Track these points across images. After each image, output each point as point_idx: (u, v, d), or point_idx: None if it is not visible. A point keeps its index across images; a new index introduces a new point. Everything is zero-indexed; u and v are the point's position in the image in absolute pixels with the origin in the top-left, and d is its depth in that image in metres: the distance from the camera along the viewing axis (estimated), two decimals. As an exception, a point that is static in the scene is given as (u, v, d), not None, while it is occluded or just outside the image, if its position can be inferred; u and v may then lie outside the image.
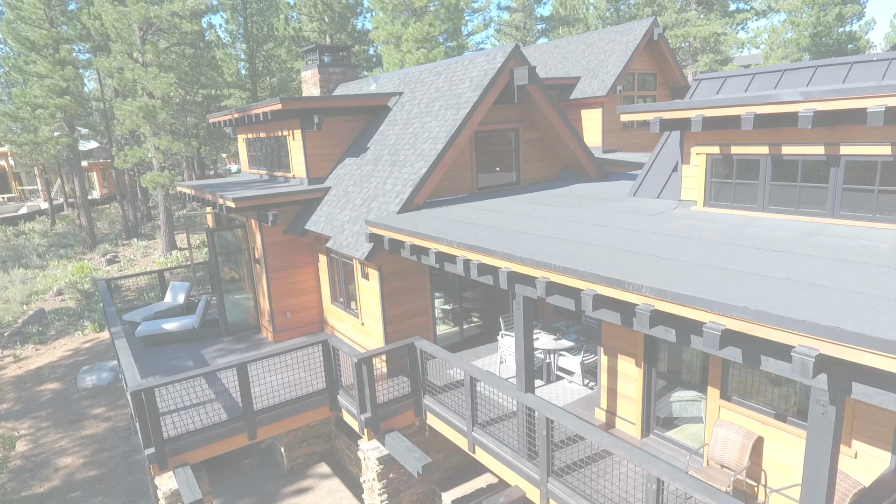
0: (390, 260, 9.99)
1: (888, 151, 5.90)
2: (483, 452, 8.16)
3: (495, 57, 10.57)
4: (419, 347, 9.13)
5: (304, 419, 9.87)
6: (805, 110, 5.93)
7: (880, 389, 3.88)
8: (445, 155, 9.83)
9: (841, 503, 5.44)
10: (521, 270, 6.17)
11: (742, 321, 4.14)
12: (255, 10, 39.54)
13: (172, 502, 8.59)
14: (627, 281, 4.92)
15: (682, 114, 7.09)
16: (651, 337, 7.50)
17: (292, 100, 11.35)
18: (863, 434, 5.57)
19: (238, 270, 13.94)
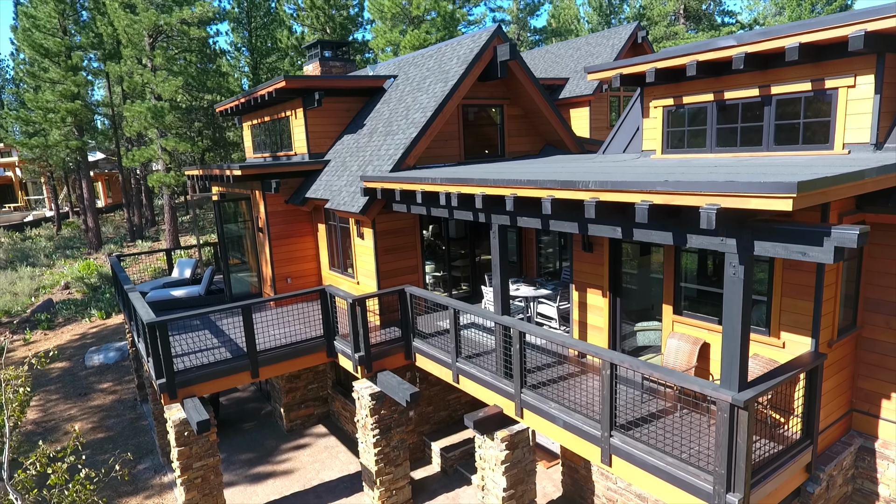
0: (383, 219, 10.89)
1: (808, 87, 6.85)
2: (466, 380, 8.95)
3: (480, 37, 11.63)
4: (409, 292, 9.98)
5: (303, 363, 10.66)
6: (738, 53, 6.90)
7: (774, 243, 4.76)
8: (434, 121, 10.81)
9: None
10: (493, 192, 7.07)
11: (663, 194, 5.03)
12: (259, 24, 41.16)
13: (180, 430, 9.34)
14: (578, 181, 5.82)
15: (638, 68, 8.06)
16: (614, 267, 8.36)
17: (296, 78, 12.38)
18: (788, 326, 6.40)
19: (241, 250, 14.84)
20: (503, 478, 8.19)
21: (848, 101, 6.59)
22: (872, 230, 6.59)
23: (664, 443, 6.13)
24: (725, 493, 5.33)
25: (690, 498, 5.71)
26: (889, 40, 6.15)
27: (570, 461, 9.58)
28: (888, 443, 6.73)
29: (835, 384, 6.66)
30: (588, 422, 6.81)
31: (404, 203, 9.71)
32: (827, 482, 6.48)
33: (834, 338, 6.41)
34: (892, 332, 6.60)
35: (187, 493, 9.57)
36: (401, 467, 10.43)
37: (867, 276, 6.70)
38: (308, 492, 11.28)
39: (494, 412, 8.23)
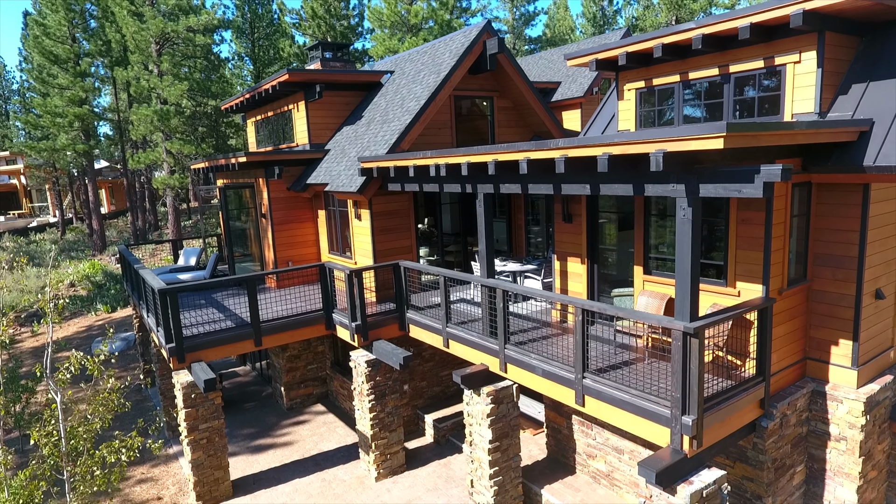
0: (379, 200, 11.60)
1: (761, 65, 7.60)
2: (455, 343, 9.60)
3: (471, 32, 12.45)
4: (403, 266, 10.66)
5: (303, 333, 11.31)
6: (696, 35, 7.65)
7: (716, 184, 5.46)
8: (427, 109, 11.58)
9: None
10: (477, 159, 7.79)
11: (620, 145, 5.74)
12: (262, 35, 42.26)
13: (188, 392, 9.96)
14: (549, 141, 6.54)
15: (611, 53, 8.83)
16: (591, 236, 9.05)
17: (298, 71, 13.19)
18: (743, 276, 7.08)
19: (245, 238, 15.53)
20: (489, 430, 8.81)
21: (795, 76, 7.34)
22: (818, 190, 7.30)
23: (630, 382, 6.77)
24: (681, 416, 5.97)
25: (652, 425, 6.35)
26: (826, 19, 6.91)
27: (554, 422, 10.19)
28: (838, 385, 7.37)
29: (787, 331, 7.32)
30: (564, 367, 7.46)
31: (398, 181, 10.43)
32: (780, 419, 7.11)
33: (784, 286, 7.08)
34: (838, 283, 7.27)
35: (193, 453, 10.17)
36: (395, 433, 11.02)
37: (815, 233, 7.39)
38: (307, 460, 11.86)
39: (481, 369, 8.87)
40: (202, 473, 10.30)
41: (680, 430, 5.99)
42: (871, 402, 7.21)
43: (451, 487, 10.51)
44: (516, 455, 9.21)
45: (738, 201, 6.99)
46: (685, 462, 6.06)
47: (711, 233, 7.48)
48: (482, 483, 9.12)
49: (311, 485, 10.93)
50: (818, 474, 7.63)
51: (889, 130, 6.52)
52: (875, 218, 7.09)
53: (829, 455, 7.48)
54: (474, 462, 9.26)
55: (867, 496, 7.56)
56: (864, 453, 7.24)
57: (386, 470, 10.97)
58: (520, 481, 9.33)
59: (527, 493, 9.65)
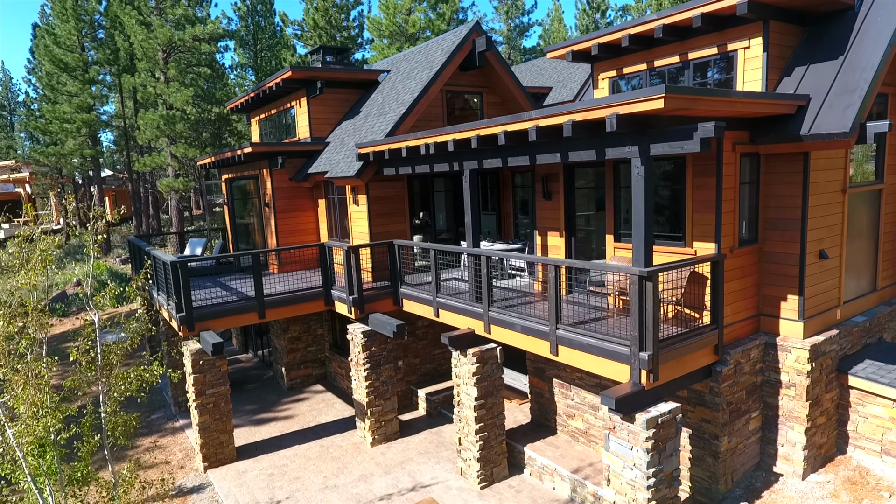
0: (376, 186, 12.44)
1: (715, 51, 8.50)
2: (444, 311, 10.38)
3: (461, 31, 13.40)
4: (397, 244, 11.49)
5: (304, 308, 12.09)
6: (658, 25, 8.56)
7: (663, 143, 6.31)
8: (420, 101, 12.48)
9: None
10: (461, 136, 8.65)
11: (581, 111, 6.59)
12: (264, 46, 43.50)
13: (196, 358, 10.72)
14: (522, 114, 7.40)
15: (585, 44, 9.74)
16: (568, 211, 9.89)
17: (301, 69, 14.13)
18: (699, 236, 7.89)
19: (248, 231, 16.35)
20: (475, 388, 9.56)
21: (745, 60, 8.23)
22: (766, 161, 8.15)
23: (597, 332, 7.56)
24: (639, 352, 6.76)
25: (616, 364, 7.12)
26: (770, 9, 7.81)
27: (537, 388, 10.93)
28: (787, 337, 8.16)
29: (740, 287, 8.12)
30: (540, 322, 8.25)
31: (393, 165, 11.29)
32: (734, 366, 7.88)
33: (735, 245, 7.90)
34: (785, 244, 8.09)
35: (200, 416, 10.90)
36: (389, 401, 11.76)
37: (764, 199, 8.22)
38: (306, 430, 12.57)
39: (467, 332, 9.65)
40: (208, 436, 11.02)
41: (638, 364, 6.77)
42: (816, 351, 7.99)
43: (441, 451, 11.22)
44: (500, 413, 9.95)
45: (693, 169, 7.84)
46: (643, 394, 6.83)
47: (672, 200, 8.32)
48: (469, 439, 9.85)
49: (311, 450, 11.64)
50: (772, 420, 8.37)
51: (822, 104, 7.39)
52: (816, 185, 7.93)
53: (781, 401, 8.24)
54: (462, 420, 9.99)
55: (817, 440, 8.31)
56: (811, 398, 8.00)
57: (381, 436, 11.68)
58: (504, 438, 10.06)
59: (511, 451, 10.37)
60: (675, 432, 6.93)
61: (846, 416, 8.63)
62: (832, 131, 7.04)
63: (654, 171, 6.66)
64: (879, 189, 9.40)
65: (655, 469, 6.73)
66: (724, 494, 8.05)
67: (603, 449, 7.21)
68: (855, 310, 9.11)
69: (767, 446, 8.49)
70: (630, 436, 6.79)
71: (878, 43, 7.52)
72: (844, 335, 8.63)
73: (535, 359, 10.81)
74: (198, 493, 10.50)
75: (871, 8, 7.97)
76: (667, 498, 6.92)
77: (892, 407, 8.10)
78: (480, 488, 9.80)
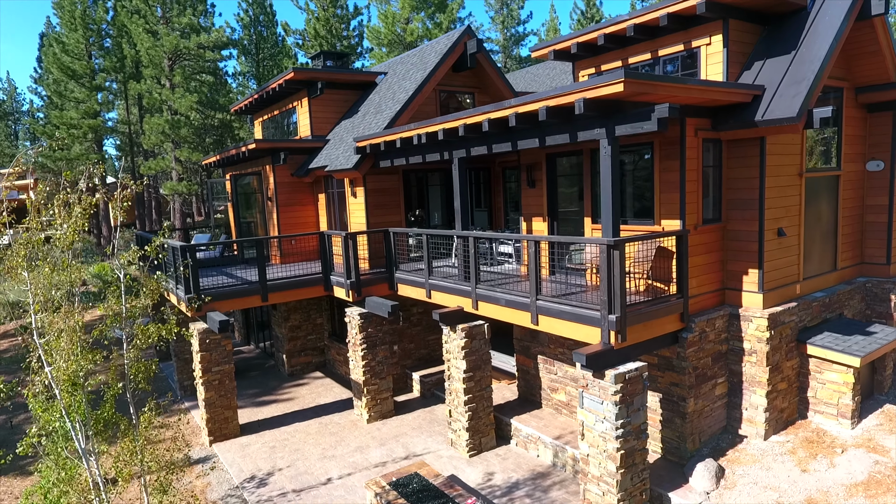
0: (372, 179, 13.21)
1: (681, 48, 9.30)
2: (436, 292, 11.09)
3: (454, 35, 14.25)
4: (392, 231, 12.23)
5: (304, 293, 12.81)
6: (629, 25, 9.36)
7: (626, 125, 7.07)
8: (414, 99, 13.28)
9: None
10: (449, 125, 9.42)
11: (554, 97, 7.36)
12: (266, 55, 44.55)
13: (203, 337, 11.42)
14: (505, 104, 8.18)
15: (565, 44, 10.54)
16: (551, 197, 10.64)
17: (302, 70, 14.96)
18: (666, 214, 8.63)
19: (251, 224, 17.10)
20: (464, 362, 10.25)
21: (708, 56, 9.02)
22: (728, 146, 8.91)
23: (573, 301, 8.27)
24: (608, 315, 7.47)
25: (588, 328, 7.83)
26: (727, 8, 8.61)
27: (523, 365, 11.62)
28: (749, 308, 8.86)
29: (705, 262, 8.84)
30: (522, 295, 8.97)
31: (388, 157, 12.06)
32: (700, 333, 8.59)
33: (699, 223, 8.64)
34: (746, 222, 8.83)
35: (206, 392, 11.58)
36: (384, 381, 12.43)
37: (727, 182, 8.98)
38: (306, 410, 13.23)
39: (456, 309, 10.36)
40: (213, 412, 11.69)
41: (607, 326, 7.48)
42: (775, 320, 8.69)
43: (434, 426, 11.88)
44: (488, 386, 10.64)
45: (661, 153, 8.60)
46: (612, 353, 7.53)
47: (644, 183, 9.07)
48: (458, 410, 10.52)
49: (310, 426, 12.30)
50: (737, 386, 9.06)
51: (775, 94, 8.16)
52: (773, 168, 8.68)
53: (744, 368, 8.93)
54: (452, 393, 10.67)
55: (778, 404, 8.99)
56: (771, 364, 8.70)
57: (376, 413, 12.34)
58: (491, 411, 10.73)
59: (498, 423, 11.04)
60: (641, 388, 7.62)
61: (806, 384, 9.32)
62: (782, 116, 7.81)
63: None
64: (837, 176, 10.16)
65: (623, 421, 7.41)
66: (691, 453, 8.72)
67: (578, 406, 7.89)
68: (815, 286, 9.83)
69: (733, 411, 9.17)
70: (601, 391, 7.48)
71: (825, 39, 8.32)
72: (803, 308, 9.35)
73: (521, 337, 11.50)
74: (203, 463, 11.15)
75: (821, 9, 8.78)
76: (635, 449, 7.60)
77: (846, 372, 8.80)
78: (469, 456, 10.46)
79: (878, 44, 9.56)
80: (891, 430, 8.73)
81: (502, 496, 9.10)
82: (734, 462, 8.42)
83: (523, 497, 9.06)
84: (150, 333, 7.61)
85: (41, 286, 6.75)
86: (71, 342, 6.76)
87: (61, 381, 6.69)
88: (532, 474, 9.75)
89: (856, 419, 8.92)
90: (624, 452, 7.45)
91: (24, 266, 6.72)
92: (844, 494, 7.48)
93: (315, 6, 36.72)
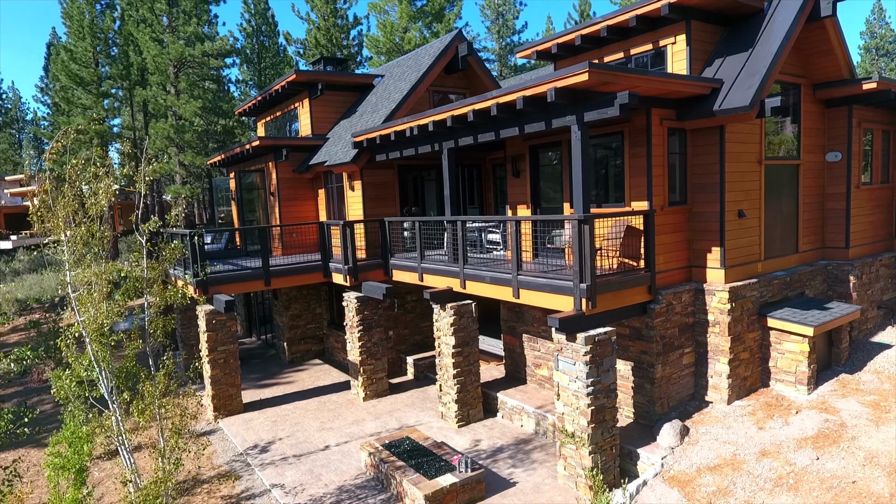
0: (369, 173, 14.06)
1: (650, 47, 10.19)
2: (427, 275, 11.89)
3: (446, 38, 15.19)
4: (387, 220, 13.06)
5: (304, 279, 13.61)
6: (603, 27, 10.26)
7: (593, 111, 7.92)
8: (409, 98, 14.17)
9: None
10: (438, 118, 10.28)
11: (530, 88, 8.22)
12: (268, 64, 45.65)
13: (210, 318, 12.18)
14: (488, 95, 9.04)
15: (546, 45, 11.43)
16: (534, 186, 11.48)
17: (304, 72, 15.87)
18: (635, 197, 9.45)
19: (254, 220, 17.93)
20: (453, 338, 11.03)
21: (673, 54, 9.90)
22: (692, 135, 9.76)
23: (550, 275, 9.07)
24: (580, 283, 8.27)
25: (563, 297, 8.62)
26: (689, 11, 9.50)
27: (509, 344, 12.38)
28: (712, 283, 9.66)
29: (672, 241, 9.65)
30: (505, 272, 9.77)
31: (384, 151, 12.92)
32: (667, 305, 9.38)
33: (665, 204, 9.46)
34: (709, 204, 9.65)
35: (212, 370, 12.33)
36: (380, 361, 13.19)
37: (691, 168, 9.82)
38: (305, 391, 13.96)
39: (446, 289, 11.16)
40: (219, 388, 12.44)
41: (579, 294, 8.27)
42: (736, 293, 9.49)
43: (426, 403, 12.63)
44: (476, 361, 11.40)
45: (630, 141, 9.45)
46: (584, 318, 8.32)
47: (616, 170, 9.91)
48: (448, 384, 11.28)
49: (309, 404, 13.04)
50: (703, 356, 9.83)
51: (731, 86, 9.02)
52: (732, 154, 9.52)
53: (709, 339, 9.71)
54: (442, 368, 11.43)
55: (741, 372, 9.75)
56: (732, 334, 9.48)
57: (372, 392, 13.09)
58: (479, 385, 11.49)
59: (486, 397, 11.79)
60: (610, 351, 8.39)
61: (768, 355, 10.09)
62: (737, 105, 8.66)
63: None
64: (797, 165, 11.01)
65: (594, 380, 8.19)
66: (660, 416, 9.47)
67: (554, 369, 8.66)
68: (777, 266, 10.63)
69: (700, 379, 9.93)
70: (573, 353, 8.26)
71: (777, 37, 9.20)
72: (764, 285, 10.15)
73: (508, 318, 12.28)
74: (209, 435, 11.88)
75: (775, 10, 9.68)
76: (605, 406, 8.37)
77: (802, 342, 9.58)
78: (458, 427, 11.20)
79: (830, 44, 10.45)
80: (843, 394, 9.50)
81: (487, 458, 9.84)
82: (698, 423, 9.18)
83: (506, 458, 9.81)
84: (170, 294, 8.38)
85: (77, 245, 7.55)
86: (99, 295, 7.52)
87: (91, 331, 7.46)
88: (516, 441, 10.49)
89: (812, 385, 9.69)
90: (594, 409, 8.21)
91: (62, 228, 7.48)
92: (794, 447, 8.23)
93: (316, 16, 37.88)
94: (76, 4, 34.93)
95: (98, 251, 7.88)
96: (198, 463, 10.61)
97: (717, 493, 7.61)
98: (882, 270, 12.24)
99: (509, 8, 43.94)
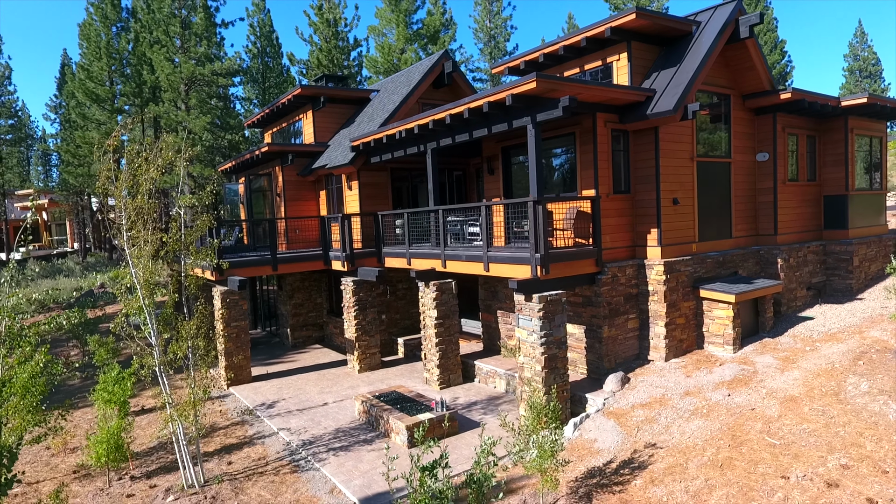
0: (365, 175, 15.96)
1: (600, 63, 12.16)
2: (414, 259, 13.71)
3: (434, 57, 17.23)
4: (380, 214, 14.92)
5: (307, 266, 15.43)
6: (560, 46, 12.24)
7: (544, 112, 9.83)
8: (400, 108, 16.15)
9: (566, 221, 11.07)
10: (422, 122, 12.20)
11: (494, 95, 10.13)
12: (272, 83, 48.00)
13: (224, 297, 13.95)
14: (461, 102, 10.98)
15: (515, 62, 13.42)
16: (506, 182, 13.36)
17: (308, 87, 17.87)
18: (585, 187, 11.32)
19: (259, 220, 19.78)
20: (435, 311, 12.80)
21: (618, 69, 11.86)
22: (632, 135, 11.66)
23: (512, 250, 10.89)
24: (535, 253, 10.09)
25: (524, 267, 10.43)
26: (628, 34, 11.49)
27: (486, 320, 14.15)
28: (651, 259, 11.47)
29: (617, 223, 11.49)
30: (478, 249, 11.60)
31: (378, 153, 14.83)
32: (612, 276, 11.18)
33: (611, 192, 11.32)
34: (648, 193, 11.51)
35: (226, 343, 14.06)
36: (373, 338, 14.93)
37: (633, 163, 11.70)
38: (307, 367, 15.67)
39: (429, 269, 12.96)
40: (231, 360, 14.16)
41: (534, 262, 10.08)
42: (671, 267, 11.30)
43: (413, 374, 14.34)
44: (455, 333, 13.15)
45: (580, 140, 11.35)
46: (539, 282, 10.11)
47: (569, 166, 11.79)
48: (431, 352, 13.02)
49: (310, 375, 14.74)
50: (646, 322, 11.59)
51: (661, 95, 10.95)
52: (666, 151, 11.41)
53: (650, 306, 11.49)
54: (426, 339, 13.18)
55: (677, 335, 11.51)
56: (668, 301, 11.26)
57: (366, 366, 14.80)
58: (458, 354, 13.23)
59: (465, 366, 13.51)
60: (561, 309, 10.17)
61: (702, 321, 11.85)
62: (664, 110, 10.57)
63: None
64: (728, 162, 12.90)
65: (546, 332, 9.95)
66: (607, 370, 11.20)
67: (515, 326, 10.41)
68: (711, 248, 12.46)
69: (643, 342, 11.68)
70: (530, 311, 10.04)
71: (699, 55, 11.17)
72: (698, 262, 11.96)
73: (485, 298, 14.06)
74: (221, 399, 13.56)
75: (701, 32, 11.68)
76: (557, 356, 10.12)
77: (728, 308, 11.36)
78: (440, 389, 12.90)
79: (751, 61, 12.43)
80: (762, 352, 11.24)
81: (463, 409, 11.54)
82: (638, 374, 10.92)
83: (479, 409, 11.51)
84: (199, 257, 10.13)
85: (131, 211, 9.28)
86: (151, 249, 9.26)
87: (142, 281, 9.24)
88: (488, 398, 12.21)
89: (737, 345, 11.44)
90: (547, 356, 9.96)
91: (122, 196, 9.29)
92: (712, 388, 9.96)
93: (318, 38, 40.24)
94: (93, 27, 37.35)
95: (146, 219, 9.61)
96: (213, 418, 12.29)
97: (645, 421, 9.33)
98: (810, 256, 14.06)
99: (501, 31, 46.47)
